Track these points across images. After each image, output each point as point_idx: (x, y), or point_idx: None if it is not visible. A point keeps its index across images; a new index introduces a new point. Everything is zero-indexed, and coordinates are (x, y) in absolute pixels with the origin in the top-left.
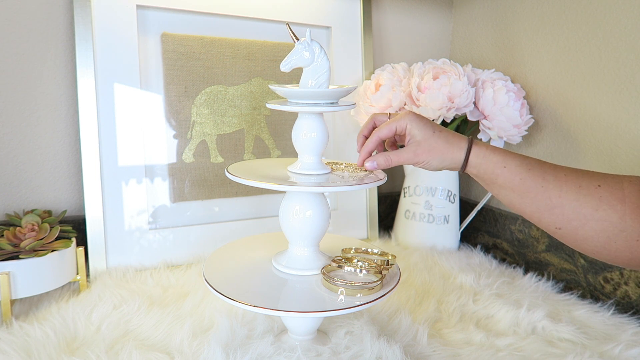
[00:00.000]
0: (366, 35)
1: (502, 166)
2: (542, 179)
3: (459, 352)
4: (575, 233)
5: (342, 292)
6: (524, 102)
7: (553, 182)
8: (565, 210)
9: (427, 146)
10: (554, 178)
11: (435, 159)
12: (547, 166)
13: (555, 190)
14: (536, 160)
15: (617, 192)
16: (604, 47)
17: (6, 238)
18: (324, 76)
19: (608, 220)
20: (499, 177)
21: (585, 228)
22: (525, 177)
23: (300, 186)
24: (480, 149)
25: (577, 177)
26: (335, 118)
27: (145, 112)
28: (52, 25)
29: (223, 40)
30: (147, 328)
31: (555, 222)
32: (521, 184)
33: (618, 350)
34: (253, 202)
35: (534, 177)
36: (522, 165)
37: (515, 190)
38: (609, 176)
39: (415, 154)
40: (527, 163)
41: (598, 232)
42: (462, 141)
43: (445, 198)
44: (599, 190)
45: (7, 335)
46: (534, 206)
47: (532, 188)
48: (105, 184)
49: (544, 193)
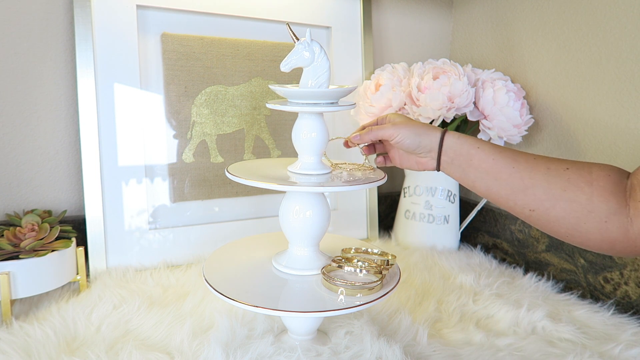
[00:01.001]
0: (366, 35)
1: (475, 147)
2: (514, 160)
3: (459, 352)
4: (548, 214)
5: (342, 292)
6: (524, 102)
7: (524, 164)
8: (536, 190)
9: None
10: (524, 160)
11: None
12: (518, 152)
13: (526, 172)
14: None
15: (585, 175)
16: (604, 47)
17: (6, 238)
18: (324, 76)
19: (576, 201)
20: (474, 158)
21: (557, 208)
22: (498, 157)
23: (300, 186)
24: (454, 134)
25: (546, 161)
26: (335, 118)
27: (145, 112)
28: (52, 25)
29: (223, 40)
30: (147, 328)
31: (528, 204)
32: (494, 165)
33: (618, 350)
34: (253, 202)
35: (506, 158)
36: (494, 148)
37: (489, 173)
38: (578, 162)
39: (395, 128)
40: (499, 147)
41: (568, 212)
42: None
43: (445, 198)
44: (567, 172)
45: (7, 335)
46: (509, 188)
47: (504, 169)
48: (105, 184)
49: (516, 174)
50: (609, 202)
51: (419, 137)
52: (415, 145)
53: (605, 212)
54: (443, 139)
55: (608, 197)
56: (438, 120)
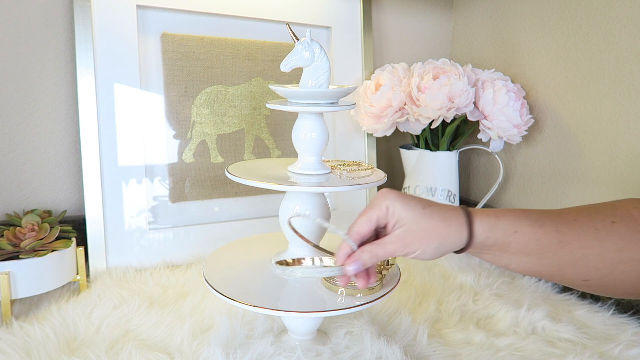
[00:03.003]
0: (366, 35)
1: (512, 231)
2: (557, 232)
3: (459, 352)
4: (603, 281)
5: (342, 292)
6: (524, 102)
7: (569, 234)
8: (590, 261)
9: (419, 231)
10: (568, 228)
11: (431, 246)
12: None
13: (575, 242)
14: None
15: (633, 225)
16: (604, 47)
17: (6, 238)
18: (324, 76)
19: (636, 259)
20: (511, 245)
21: (615, 273)
22: (540, 236)
23: (300, 186)
24: (482, 219)
25: (588, 219)
26: (335, 118)
27: (145, 112)
28: (52, 25)
29: (223, 40)
30: (147, 328)
31: (581, 275)
32: (537, 245)
33: (618, 350)
34: (253, 202)
35: (549, 233)
36: (532, 224)
37: (531, 254)
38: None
39: (405, 244)
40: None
41: (628, 274)
42: (460, 214)
43: (445, 198)
44: (615, 227)
45: (7, 335)
46: (556, 265)
47: (550, 246)
48: (105, 184)
49: (563, 248)
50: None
51: (441, 248)
52: (439, 255)
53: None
54: (472, 238)
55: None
56: (438, 120)
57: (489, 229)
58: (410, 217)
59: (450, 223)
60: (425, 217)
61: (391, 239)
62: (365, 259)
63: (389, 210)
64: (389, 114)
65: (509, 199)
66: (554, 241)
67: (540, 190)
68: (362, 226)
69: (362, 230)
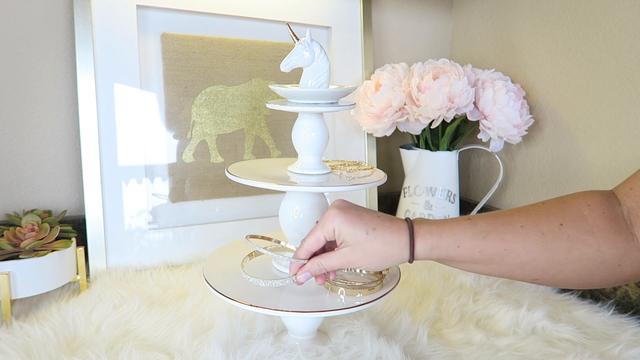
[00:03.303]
0: (366, 35)
1: (455, 247)
2: (502, 241)
3: (459, 352)
4: (554, 279)
5: (342, 292)
6: (524, 102)
7: (514, 241)
8: (538, 264)
9: (361, 251)
10: (513, 235)
11: (373, 264)
12: (500, 222)
13: (521, 249)
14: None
15: (582, 225)
16: (604, 47)
17: (6, 238)
18: (324, 76)
19: (585, 258)
20: (456, 258)
21: (564, 272)
22: (484, 246)
23: (300, 186)
24: (425, 238)
25: (535, 224)
26: (335, 118)
27: (145, 112)
28: (52, 25)
29: (223, 40)
30: (147, 328)
31: (530, 276)
32: (482, 256)
33: (618, 350)
34: (253, 202)
35: (493, 243)
36: (476, 236)
37: (477, 262)
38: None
39: (347, 260)
40: (480, 230)
41: (578, 272)
42: (402, 236)
43: (445, 198)
44: (563, 229)
45: (7, 335)
46: (504, 269)
47: (495, 255)
48: (105, 184)
49: (509, 255)
50: (617, 244)
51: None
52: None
53: (617, 257)
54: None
55: (615, 239)
56: (438, 120)
57: (430, 249)
58: (353, 240)
59: (392, 246)
60: (368, 242)
61: (337, 255)
62: (313, 270)
63: (334, 232)
64: (389, 114)
65: (509, 199)
66: (499, 250)
67: (540, 190)
68: (311, 245)
69: (311, 248)
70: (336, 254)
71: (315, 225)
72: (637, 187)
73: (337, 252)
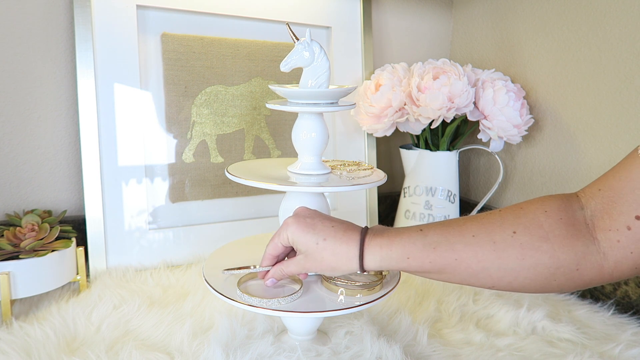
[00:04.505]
0: (366, 35)
1: (404, 258)
2: (453, 251)
3: (459, 352)
4: (511, 286)
5: (342, 292)
6: (524, 102)
7: (465, 250)
8: (490, 272)
9: (313, 259)
10: (463, 245)
11: (326, 271)
12: (451, 232)
13: (471, 258)
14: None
15: (537, 231)
16: (604, 47)
17: (6, 238)
18: (323, 76)
19: (540, 264)
20: (407, 269)
21: (519, 279)
22: (434, 257)
23: (300, 186)
24: (374, 251)
25: (487, 233)
26: (335, 118)
27: (145, 112)
28: (52, 25)
29: (223, 40)
30: (147, 328)
31: (485, 284)
32: (433, 266)
33: (618, 350)
34: (253, 202)
35: (443, 254)
36: (425, 247)
37: (429, 272)
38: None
39: (303, 267)
40: (430, 242)
41: (533, 279)
42: (352, 248)
43: (445, 198)
44: (516, 237)
45: (7, 335)
46: (458, 278)
47: (446, 265)
48: (105, 184)
49: (460, 264)
50: (574, 248)
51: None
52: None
53: (574, 261)
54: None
55: (572, 244)
56: (438, 120)
57: (380, 260)
58: (305, 248)
59: (341, 257)
60: (318, 251)
61: (293, 262)
62: (276, 275)
63: (289, 239)
64: (389, 114)
65: (509, 199)
66: (450, 260)
67: (540, 190)
68: (271, 250)
69: (272, 253)
70: (293, 261)
71: (275, 233)
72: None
73: (295, 259)
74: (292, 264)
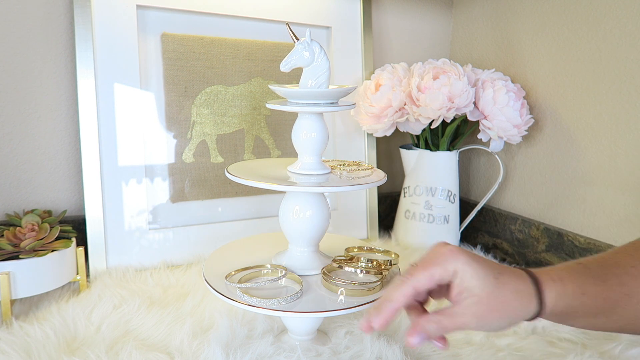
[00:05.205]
0: (366, 35)
1: (580, 294)
2: (622, 285)
3: (459, 352)
4: None
5: (342, 292)
6: (524, 102)
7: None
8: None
9: (492, 304)
10: (629, 278)
11: (504, 321)
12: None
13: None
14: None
15: None
16: (604, 47)
17: (6, 238)
18: (323, 76)
19: None
20: (580, 309)
21: None
22: (608, 293)
23: (300, 186)
24: (549, 285)
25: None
26: (335, 118)
27: (145, 112)
28: (52, 25)
29: (223, 40)
30: (147, 328)
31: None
32: (606, 304)
33: (618, 350)
34: (253, 202)
35: (615, 287)
36: (596, 280)
37: (599, 315)
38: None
39: (478, 317)
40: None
41: None
42: (528, 283)
43: (445, 198)
44: None
45: (7, 335)
46: (625, 320)
47: (619, 301)
48: (105, 184)
49: (632, 300)
50: None
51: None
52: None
53: None
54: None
55: None
56: (438, 120)
57: (555, 298)
58: (481, 287)
59: (522, 295)
60: (498, 288)
61: (462, 310)
62: (431, 330)
63: (457, 274)
64: (389, 114)
65: (509, 199)
66: (621, 295)
67: (540, 190)
68: (422, 282)
69: (421, 286)
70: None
71: (423, 261)
72: None
73: (462, 306)
74: (460, 314)
